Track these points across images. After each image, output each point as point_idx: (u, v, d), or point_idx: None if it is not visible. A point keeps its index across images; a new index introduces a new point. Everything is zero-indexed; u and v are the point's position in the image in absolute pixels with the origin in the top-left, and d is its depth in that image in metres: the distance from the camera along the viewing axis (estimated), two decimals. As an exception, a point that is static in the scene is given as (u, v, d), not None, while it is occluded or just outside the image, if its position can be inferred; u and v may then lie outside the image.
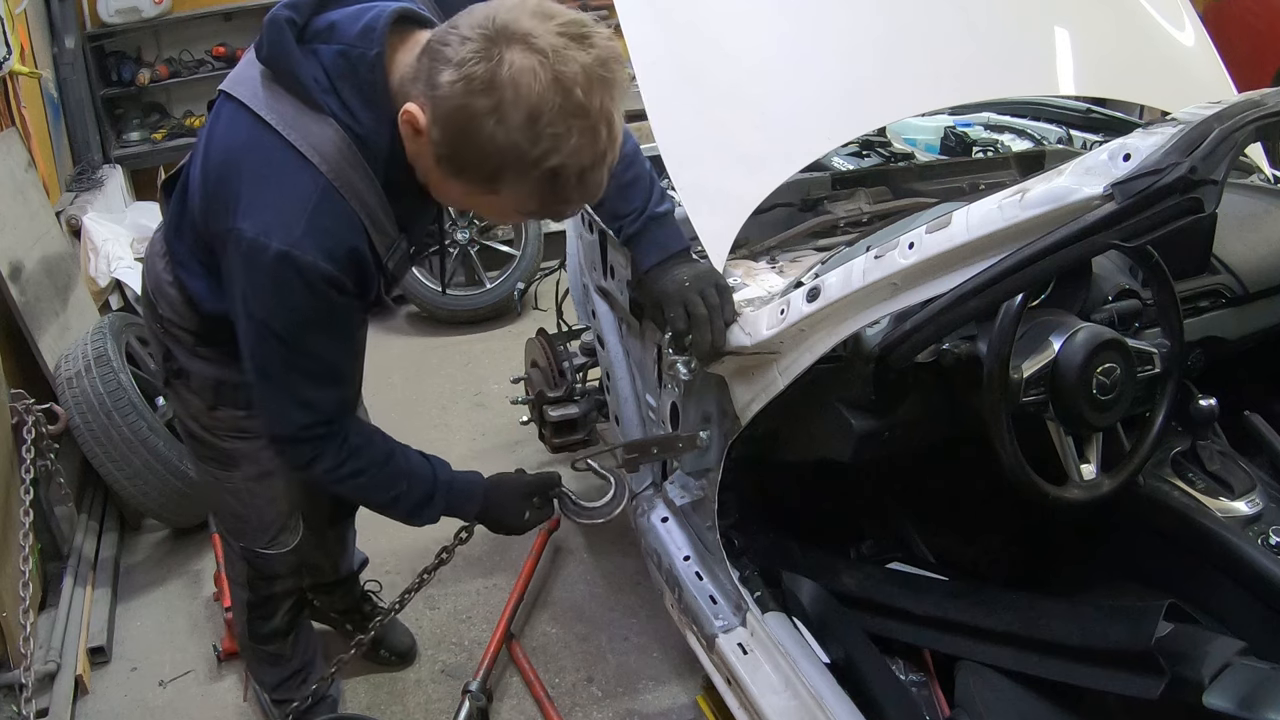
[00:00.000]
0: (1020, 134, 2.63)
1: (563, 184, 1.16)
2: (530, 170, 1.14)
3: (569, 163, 1.14)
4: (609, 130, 1.15)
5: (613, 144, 1.17)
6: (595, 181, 1.18)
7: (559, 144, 1.12)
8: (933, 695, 1.74)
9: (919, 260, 1.35)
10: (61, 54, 4.27)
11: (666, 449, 1.86)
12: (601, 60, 1.13)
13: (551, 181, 1.16)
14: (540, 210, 1.22)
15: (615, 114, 1.16)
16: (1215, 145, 1.17)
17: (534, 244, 4.29)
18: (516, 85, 1.09)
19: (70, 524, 2.71)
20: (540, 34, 1.10)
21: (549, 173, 1.14)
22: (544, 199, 1.19)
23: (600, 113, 1.13)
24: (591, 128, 1.13)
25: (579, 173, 1.15)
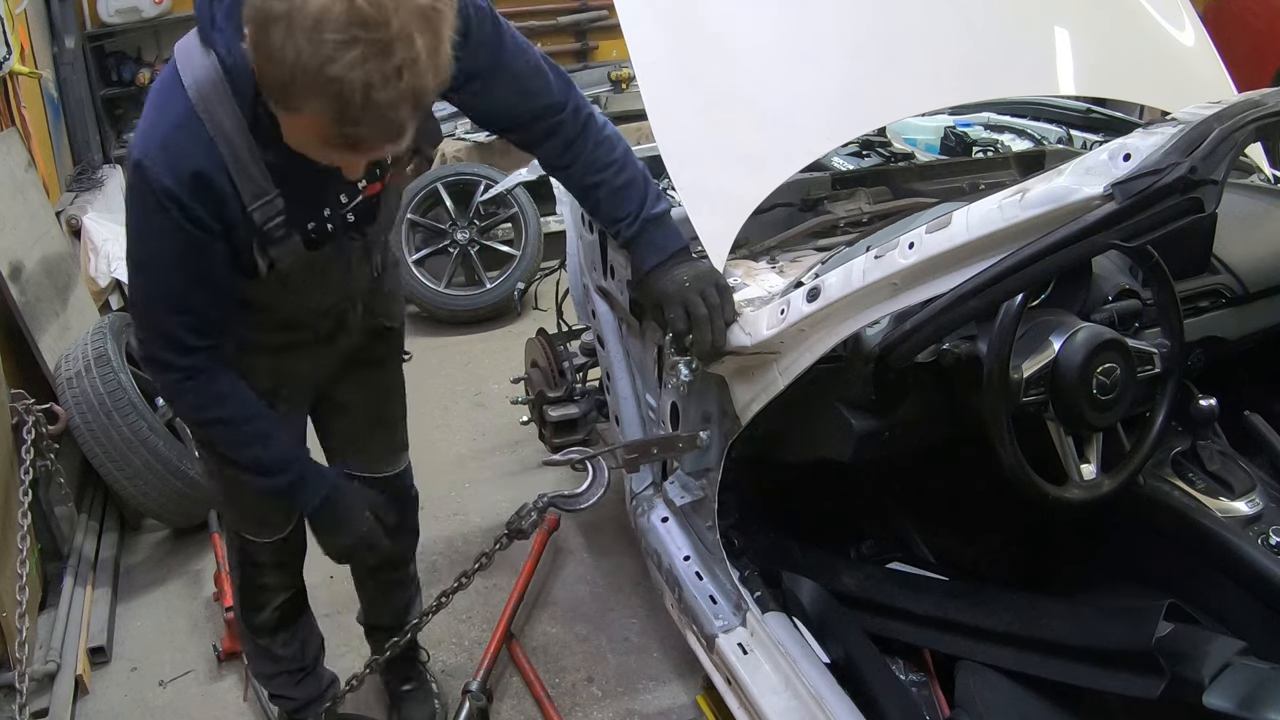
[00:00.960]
0: (1020, 134, 2.63)
1: (348, 103, 1.07)
2: (315, 82, 1.06)
3: (351, 76, 1.05)
4: (408, 51, 1.06)
5: (414, 70, 1.07)
6: (386, 103, 1.08)
7: (341, 53, 1.04)
8: (933, 695, 1.74)
9: (919, 260, 1.35)
10: (61, 54, 4.28)
11: (666, 449, 1.86)
12: None
13: (337, 99, 1.07)
14: (336, 136, 1.13)
15: (419, 38, 1.07)
16: (1215, 145, 1.17)
17: (534, 244, 4.29)
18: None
19: (70, 524, 2.71)
20: None
21: (332, 86, 1.06)
22: (334, 120, 1.10)
23: (398, 30, 1.05)
24: (381, 42, 1.04)
25: (364, 89, 1.06)
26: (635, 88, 3.37)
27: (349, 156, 1.21)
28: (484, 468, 3.18)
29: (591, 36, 5.36)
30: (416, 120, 1.14)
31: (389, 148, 1.17)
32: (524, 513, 1.77)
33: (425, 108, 1.14)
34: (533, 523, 1.76)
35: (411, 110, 1.11)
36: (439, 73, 1.12)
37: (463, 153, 4.64)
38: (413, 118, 1.13)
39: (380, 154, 1.23)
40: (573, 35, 5.36)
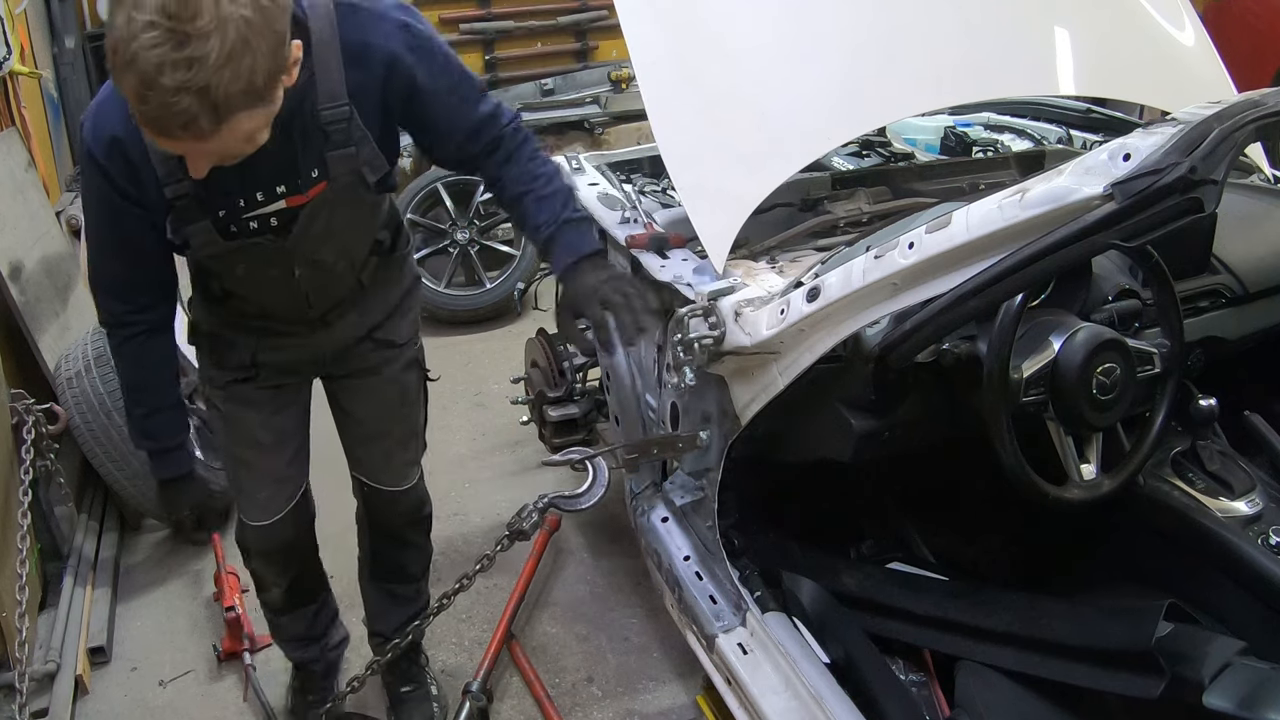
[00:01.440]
0: (1020, 134, 2.63)
1: (138, 80, 1.11)
2: (120, 55, 1.11)
3: (145, 55, 1.09)
4: (201, 48, 1.09)
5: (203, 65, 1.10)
6: (169, 88, 1.10)
7: (143, 32, 1.09)
8: (933, 695, 1.74)
9: (919, 260, 1.35)
10: (61, 54, 4.28)
11: (666, 449, 1.86)
12: None
13: (131, 73, 1.11)
14: (137, 114, 1.16)
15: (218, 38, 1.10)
16: (1215, 145, 1.17)
17: (534, 244, 4.28)
18: None
19: (70, 524, 2.71)
20: None
21: (129, 61, 1.10)
22: (134, 96, 1.14)
23: (200, 27, 1.09)
24: (179, 32, 1.09)
25: (153, 69, 1.09)
26: (635, 88, 3.38)
27: (160, 142, 1.21)
28: (484, 468, 3.18)
29: (591, 36, 5.37)
30: (219, 120, 1.15)
31: (198, 144, 1.18)
32: (525, 513, 1.77)
33: (222, 110, 1.14)
34: (534, 524, 1.76)
35: (199, 105, 1.12)
36: (243, 82, 1.14)
37: (463, 153, 4.64)
38: (208, 117, 1.14)
39: (186, 147, 1.22)
40: (573, 35, 5.36)
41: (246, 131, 1.21)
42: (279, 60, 1.19)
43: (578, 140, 4.68)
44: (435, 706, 2.14)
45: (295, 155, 1.43)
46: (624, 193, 2.26)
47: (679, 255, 1.94)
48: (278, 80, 1.21)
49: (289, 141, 1.40)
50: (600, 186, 2.34)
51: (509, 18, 5.19)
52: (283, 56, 1.20)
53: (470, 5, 5.16)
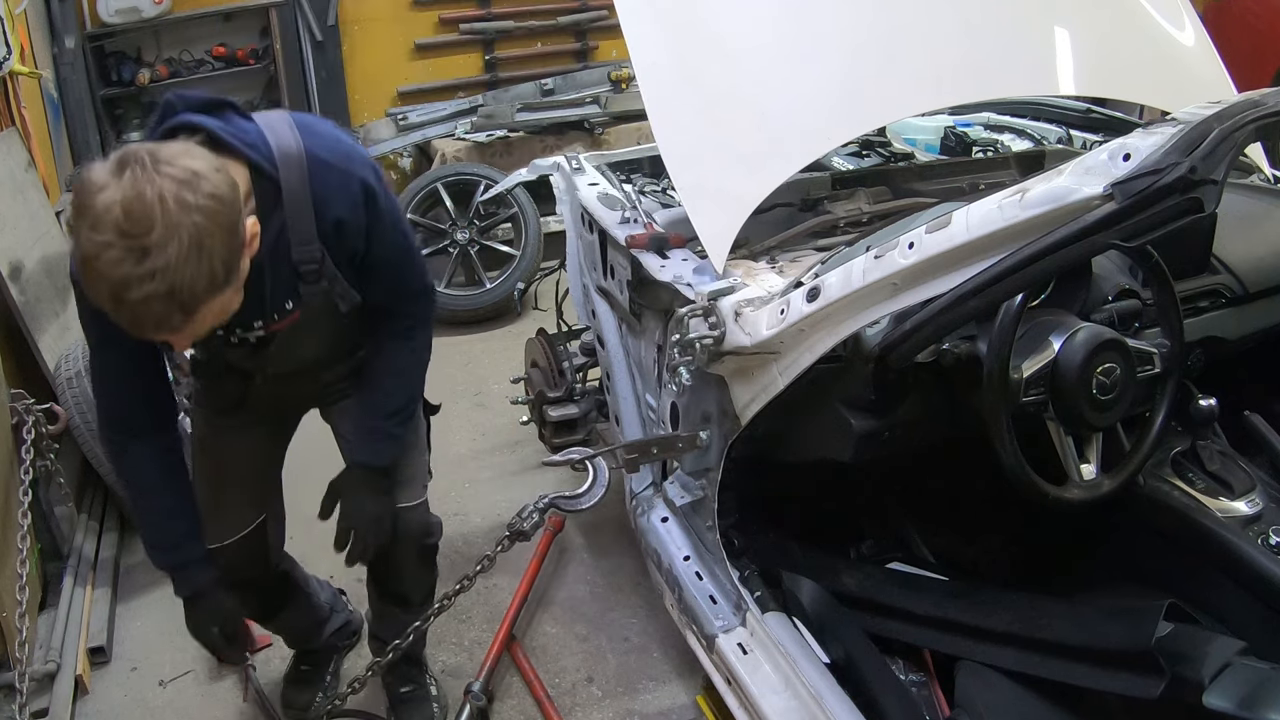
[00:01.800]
0: (1020, 134, 2.63)
1: (106, 296, 1.21)
2: (86, 272, 1.22)
3: (108, 274, 1.19)
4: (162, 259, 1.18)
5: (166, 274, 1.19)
6: (138, 300, 1.20)
7: (102, 251, 1.18)
8: (933, 695, 1.74)
9: (919, 260, 1.35)
10: (61, 54, 4.28)
11: (666, 449, 1.85)
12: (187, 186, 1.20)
13: (98, 290, 1.22)
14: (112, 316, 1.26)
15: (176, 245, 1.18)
16: (1215, 145, 1.17)
17: (534, 244, 4.29)
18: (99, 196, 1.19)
19: (70, 524, 2.71)
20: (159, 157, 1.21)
21: (94, 279, 1.21)
22: (105, 303, 1.23)
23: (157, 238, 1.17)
24: (139, 247, 1.17)
25: (118, 287, 1.19)
26: (635, 88, 3.38)
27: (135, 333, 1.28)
28: (484, 468, 3.18)
29: (591, 36, 5.37)
30: (189, 313, 1.24)
31: (171, 335, 1.28)
32: (525, 514, 1.77)
33: (189, 304, 1.23)
34: (534, 524, 1.77)
35: (168, 306, 1.21)
36: (206, 276, 1.22)
37: (462, 153, 4.65)
38: (178, 312, 1.22)
39: (163, 337, 1.31)
40: (573, 35, 5.37)
41: (215, 312, 1.30)
42: (234, 248, 1.27)
43: (578, 140, 4.68)
44: (435, 707, 2.14)
45: (271, 293, 1.53)
46: (624, 193, 2.26)
47: (679, 255, 1.94)
48: (237, 263, 1.29)
49: (264, 282, 1.49)
50: (600, 186, 2.34)
51: (509, 18, 5.19)
52: (238, 243, 1.28)
53: (470, 5, 5.16)
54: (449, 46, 5.19)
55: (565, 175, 2.50)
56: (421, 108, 4.95)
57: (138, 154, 1.20)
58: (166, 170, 1.19)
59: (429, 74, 5.17)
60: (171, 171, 1.20)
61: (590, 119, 4.74)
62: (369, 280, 1.63)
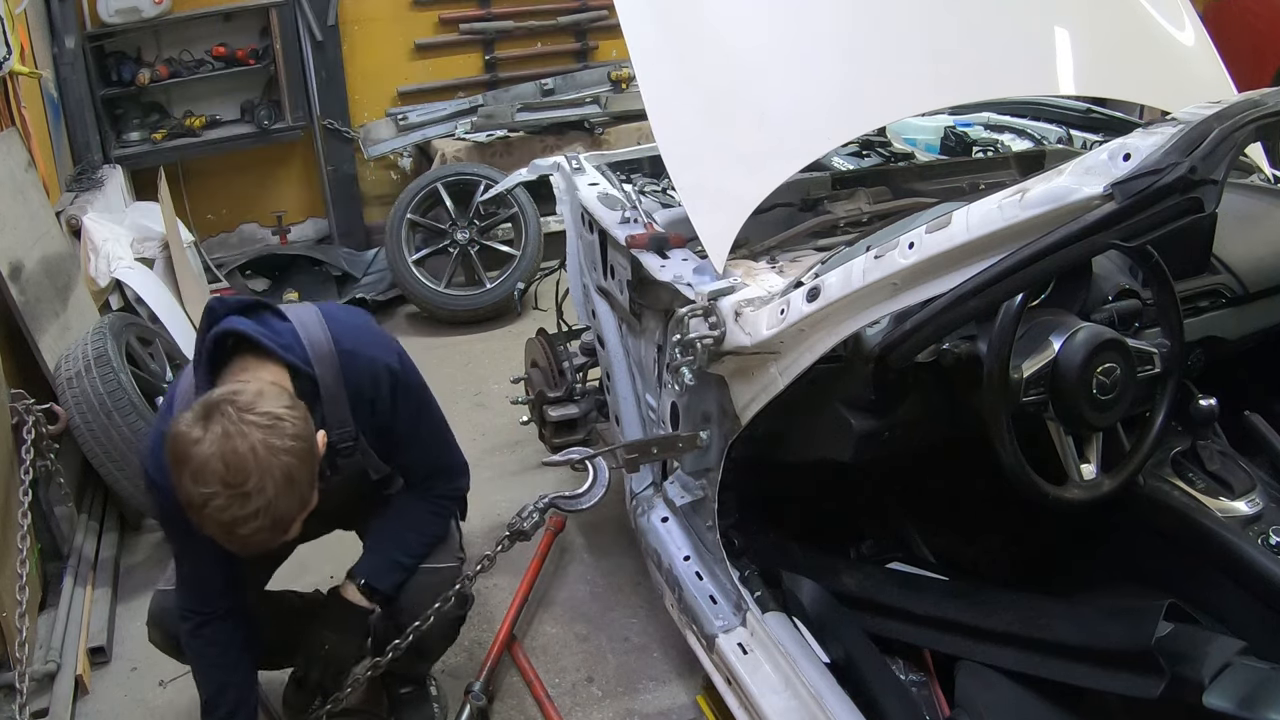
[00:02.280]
0: (1020, 134, 2.63)
1: (215, 534, 1.44)
2: (195, 515, 1.43)
3: (216, 519, 1.41)
4: (261, 500, 1.40)
5: (268, 510, 1.41)
6: (247, 535, 1.43)
7: (209, 500, 1.40)
8: (933, 695, 1.74)
9: (919, 260, 1.35)
10: (61, 54, 4.27)
11: (666, 449, 1.85)
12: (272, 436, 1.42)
13: (208, 528, 1.43)
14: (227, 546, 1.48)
15: (273, 485, 1.40)
16: (1215, 145, 1.17)
17: (534, 244, 4.29)
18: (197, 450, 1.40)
19: (70, 524, 2.71)
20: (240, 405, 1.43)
21: (203, 521, 1.43)
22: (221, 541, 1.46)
23: (255, 484, 1.39)
24: (240, 493, 1.39)
25: (226, 528, 1.42)
26: (635, 88, 3.38)
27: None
28: (484, 468, 3.17)
29: (591, 36, 5.36)
30: (282, 533, 1.47)
31: (270, 543, 1.48)
32: (525, 514, 1.77)
33: (284, 525, 1.46)
34: (534, 524, 1.77)
35: (270, 533, 1.44)
36: (298, 501, 1.46)
37: (463, 153, 4.65)
38: (274, 535, 1.46)
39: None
40: (573, 35, 5.36)
41: (299, 525, 1.52)
42: (314, 469, 1.49)
43: (578, 140, 4.68)
44: (435, 707, 2.14)
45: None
46: (624, 193, 2.26)
47: (679, 255, 1.94)
48: (316, 478, 1.50)
49: None
50: (600, 186, 2.34)
51: (509, 18, 5.18)
52: (316, 463, 1.50)
53: (470, 5, 5.16)
54: (449, 46, 5.18)
55: (565, 175, 2.50)
56: (421, 108, 4.95)
57: (221, 405, 1.41)
58: (250, 419, 1.40)
59: (429, 74, 5.17)
60: (255, 420, 1.41)
61: (590, 119, 4.74)
62: (401, 453, 1.81)
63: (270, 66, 4.77)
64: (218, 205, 5.07)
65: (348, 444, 1.73)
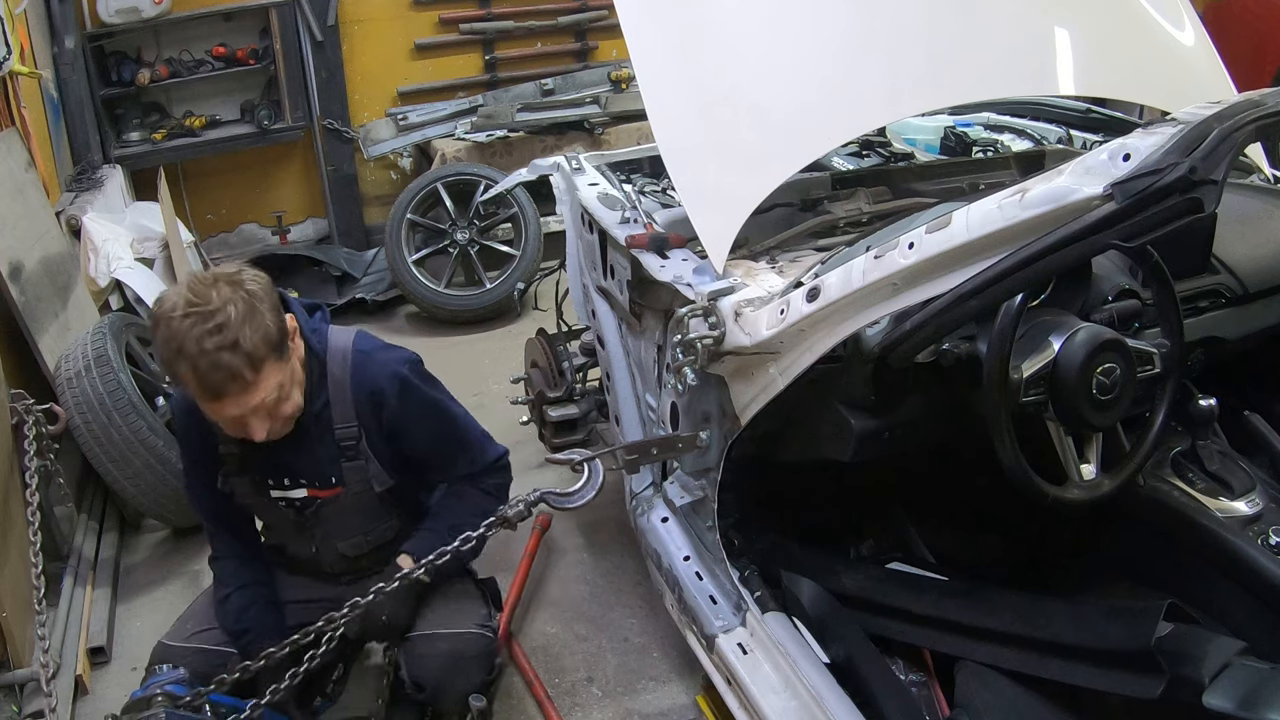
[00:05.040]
0: (1020, 134, 2.63)
1: (191, 355, 1.52)
2: (172, 348, 1.55)
3: (188, 333, 1.53)
4: (223, 316, 1.53)
5: (228, 326, 1.53)
6: (214, 348, 1.52)
7: (180, 323, 1.53)
8: (933, 695, 1.74)
9: (919, 260, 1.35)
10: (61, 54, 4.27)
11: (666, 450, 1.85)
12: (234, 275, 1.60)
13: (183, 354, 1.53)
14: (199, 390, 1.58)
15: (231, 307, 1.54)
16: (1215, 145, 1.17)
17: (534, 244, 4.29)
18: (169, 293, 1.59)
19: (70, 524, 2.71)
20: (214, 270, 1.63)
21: (180, 346, 1.53)
22: (193, 375, 1.55)
23: (216, 304, 1.53)
24: (203, 311, 1.53)
25: (197, 340, 1.52)
26: (635, 88, 3.38)
27: (220, 410, 1.60)
28: (484, 468, 3.17)
29: (591, 36, 5.36)
30: (253, 369, 1.55)
31: (245, 397, 1.57)
32: (513, 504, 1.77)
33: (254, 358, 1.55)
34: (519, 513, 1.76)
35: (236, 359, 1.53)
36: (258, 330, 1.56)
37: (463, 153, 4.65)
38: (247, 367, 1.54)
39: (238, 405, 1.58)
40: (573, 35, 5.36)
41: (276, 382, 1.61)
42: (281, 320, 1.62)
43: (578, 140, 4.68)
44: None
45: (316, 460, 1.81)
46: (624, 193, 2.26)
47: (679, 255, 1.94)
48: (285, 339, 1.62)
49: (310, 446, 1.79)
50: (600, 186, 2.34)
51: (509, 18, 5.18)
52: (282, 320, 1.62)
53: (470, 5, 5.16)
54: (449, 46, 5.18)
55: (565, 175, 2.50)
56: (421, 108, 4.95)
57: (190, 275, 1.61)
58: (217, 273, 1.59)
59: (429, 74, 5.17)
60: (220, 273, 1.59)
61: (590, 119, 4.74)
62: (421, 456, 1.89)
63: (270, 66, 4.78)
64: (218, 205, 5.08)
65: (351, 441, 1.80)
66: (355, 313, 4.53)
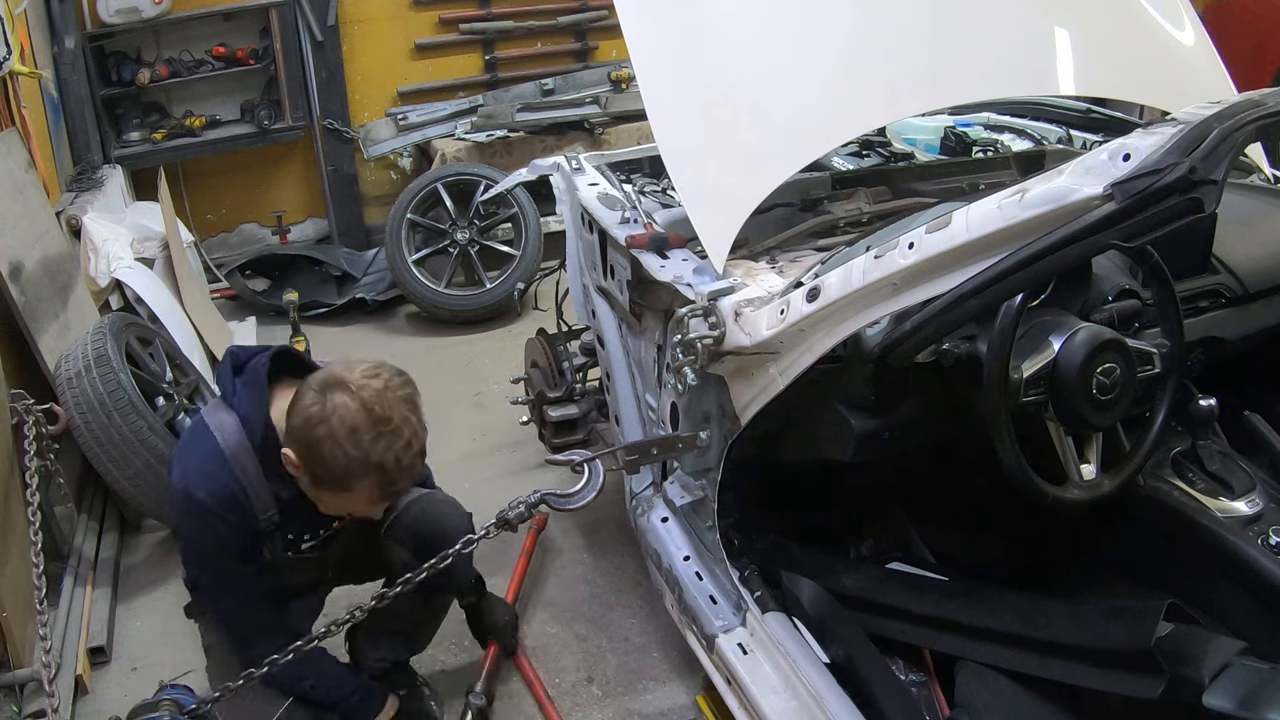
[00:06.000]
0: (1020, 134, 2.63)
1: (389, 473, 1.61)
2: (367, 468, 1.59)
3: (389, 457, 1.59)
4: (409, 428, 1.62)
5: (415, 437, 1.63)
6: (409, 463, 1.63)
7: (376, 445, 1.58)
8: (933, 695, 1.74)
9: (919, 260, 1.35)
10: (61, 54, 4.28)
11: (666, 450, 1.85)
12: (389, 384, 1.62)
13: (381, 473, 1.60)
14: (384, 495, 1.68)
15: (411, 416, 1.63)
16: (1215, 145, 1.17)
17: (534, 244, 4.29)
18: (339, 414, 1.57)
19: (70, 524, 2.71)
20: (350, 377, 1.60)
21: (380, 467, 1.59)
22: (383, 486, 1.63)
23: (399, 419, 1.60)
24: (394, 430, 1.59)
25: (397, 461, 1.60)
26: (635, 88, 3.38)
27: (382, 505, 1.75)
28: (484, 468, 3.17)
29: (591, 36, 5.37)
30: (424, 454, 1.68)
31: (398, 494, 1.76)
32: (513, 505, 1.77)
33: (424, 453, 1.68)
34: (519, 515, 1.76)
35: (421, 458, 1.67)
36: (424, 427, 1.67)
37: (463, 153, 4.65)
38: (423, 456, 1.68)
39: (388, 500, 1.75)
40: (573, 35, 5.36)
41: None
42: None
43: (578, 140, 4.68)
44: (433, 704, 2.15)
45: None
46: (624, 193, 2.26)
47: (679, 255, 1.94)
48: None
49: None
50: (600, 186, 2.34)
51: (509, 18, 5.18)
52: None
53: (470, 5, 5.16)
54: (449, 46, 5.18)
55: (565, 175, 2.50)
56: (421, 108, 4.95)
57: (329, 382, 1.61)
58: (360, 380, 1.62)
59: (429, 74, 5.18)
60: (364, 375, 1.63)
61: (590, 119, 4.74)
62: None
63: (270, 66, 4.78)
64: (218, 205, 5.08)
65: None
66: (355, 313, 4.53)
